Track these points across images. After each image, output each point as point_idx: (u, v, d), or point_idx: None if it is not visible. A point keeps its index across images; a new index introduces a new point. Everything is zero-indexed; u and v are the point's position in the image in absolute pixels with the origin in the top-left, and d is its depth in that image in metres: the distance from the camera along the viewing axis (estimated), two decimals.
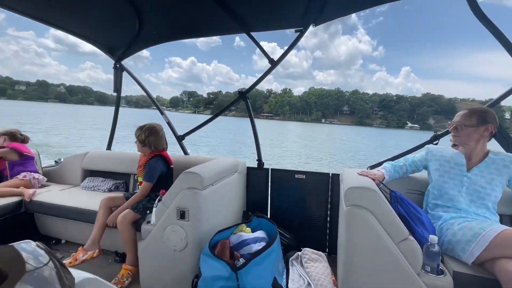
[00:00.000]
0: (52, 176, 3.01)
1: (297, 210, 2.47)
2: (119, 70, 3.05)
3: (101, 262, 2.20)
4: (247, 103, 2.66)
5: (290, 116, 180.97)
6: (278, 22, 2.37)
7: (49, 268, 0.54)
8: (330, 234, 2.40)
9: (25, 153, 2.55)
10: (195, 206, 1.71)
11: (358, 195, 1.37)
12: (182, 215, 1.72)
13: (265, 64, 2.52)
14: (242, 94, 2.64)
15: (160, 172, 2.17)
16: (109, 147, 3.28)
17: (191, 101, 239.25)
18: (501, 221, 1.71)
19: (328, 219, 2.39)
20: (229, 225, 1.92)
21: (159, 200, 1.90)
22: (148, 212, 2.02)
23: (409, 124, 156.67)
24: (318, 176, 2.40)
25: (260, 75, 2.71)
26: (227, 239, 1.76)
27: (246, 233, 1.84)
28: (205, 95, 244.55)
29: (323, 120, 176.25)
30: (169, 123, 2.98)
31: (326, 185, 2.38)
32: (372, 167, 2.31)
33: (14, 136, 2.60)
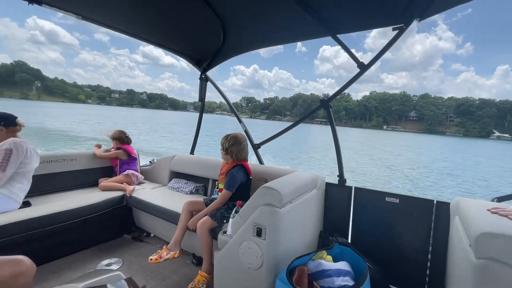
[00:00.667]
0: (147, 174, 3.38)
1: (385, 238, 2.11)
2: (204, 81, 3.19)
3: (180, 262, 2.36)
4: (329, 112, 2.42)
5: (346, 122, 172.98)
6: (370, 20, 2.11)
7: None
8: (433, 272, 1.94)
9: (132, 155, 3.01)
10: (272, 224, 1.61)
11: (501, 246, 1.00)
12: (259, 232, 1.63)
13: (326, 68, 2.50)
14: (324, 102, 2.41)
15: (240, 182, 2.20)
16: (192, 151, 3.48)
17: (249, 107, 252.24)
18: None
19: (430, 255, 1.95)
20: (306, 246, 1.78)
21: (236, 212, 1.87)
22: (225, 221, 2.04)
23: (496, 134, 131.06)
24: (417, 202, 1.99)
25: (322, 79, 2.62)
26: (305, 265, 1.58)
27: (327, 262, 1.62)
28: (262, 101, 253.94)
29: (384, 127, 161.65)
30: (246, 131, 2.98)
31: (429, 214, 1.95)
32: (501, 199, 1.83)
33: (122, 139, 3.05)
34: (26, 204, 2.18)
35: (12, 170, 2.02)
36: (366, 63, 2.13)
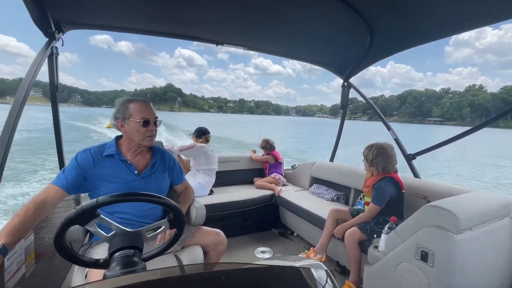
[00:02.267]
0: (290, 178, 3.66)
1: None
2: (347, 88, 3.11)
3: None
4: None
5: (472, 121, 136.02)
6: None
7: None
8: None
9: (278, 160, 3.48)
10: (444, 251, 1.38)
11: None
12: (424, 257, 1.44)
13: (463, 55, 2.26)
14: None
15: (390, 196, 1.99)
16: (332, 159, 3.53)
17: (349, 107, 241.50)
18: None
19: None
20: None
21: (390, 228, 1.74)
22: (375, 236, 1.95)
23: None
24: None
25: (457, 69, 2.10)
26: None
27: None
28: (364, 101, 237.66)
29: None
30: (396, 140, 2.70)
31: None
32: None
33: (266, 146, 3.54)
34: (211, 192, 2.97)
35: (184, 154, 2.91)
36: None
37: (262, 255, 2.58)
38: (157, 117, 1.32)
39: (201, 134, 3.02)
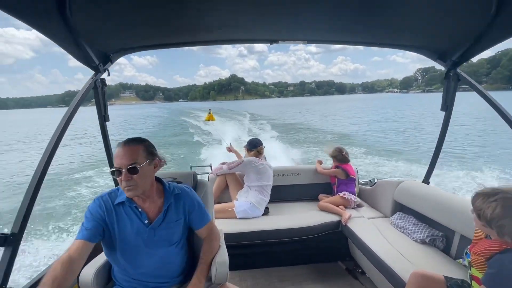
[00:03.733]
0: (366, 196, 2.86)
1: None
2: (453, 80, 2.00)
3: None
4: None
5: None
6: None
7: None
8: None
9: (350, 175, 2.71)
10: None
11: None
12: None
13: None
14: None
15: None
16: (426, 179, 2.40)
17: (424, 79, 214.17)
18: None
19: None
20: None
21: None
22: None
23: None
24: None
25: None
26: None
27: None
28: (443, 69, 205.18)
29: None
30: None
31: None
32: None
33: (338, 157, 2.75)
34: (266, 211, 2.54)
35: (234, 171, 2.65)
36: None
37: None
38: (133, 163, 1.06)
39: (252, 147, 2.66)
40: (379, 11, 1.46)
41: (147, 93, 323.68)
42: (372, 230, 2.17)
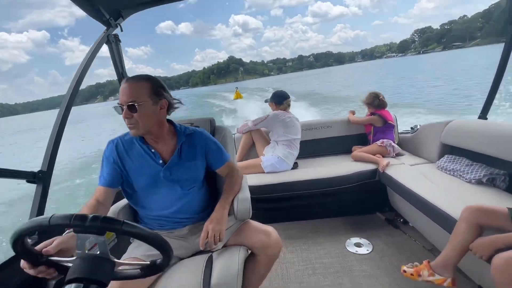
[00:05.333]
0: (407, 145, 2.55)
1: None
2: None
3: None
4: None
5: None
6: None
7: None
8: None
9: (389, 121, 2.42)
10: None
11: None
12: None
13: None
14: None
15: None
16: (484, 114, 2.16)
17: (419, 40, 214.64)
18: None
19: None
20: None
21: None
22: None
23: None
24: None
25: None
26: None
27: None
28: (438, 27, 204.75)
29: None
30: None
31: None
32: None
33: (374, 102, 2.46)
34: (295, 166, 2.39)
35: (260, 127, 2.49)
36: None
37: (356, 249, 1.85)
38: (132, 101, 1.02)
39: (281, 99, 2.47)
40: None
41: None
42: (416, 176, 1.86)
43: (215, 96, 32.40)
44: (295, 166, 2.40)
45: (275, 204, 2.26)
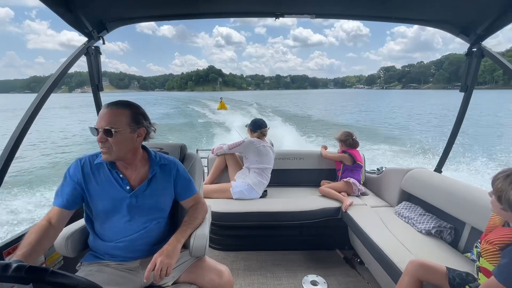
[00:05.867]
0: (372, 184, 2.68)
1: None
2: (476, 55, 1.85)
3: None
4: None
5: (505, 84, 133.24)
6: None
7: None
8: None
9: (357, 162, 2.53)
10: None
11: None
12: None
13: None
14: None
15: None
16: (439, 168, 2.27)
17: (383, 77, 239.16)
18: None
19: None
20: None
21: None
22: None
23: None
24: None
25: None
26: None
27: None
28: (400, 68, 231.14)
29: None
30: None
31: None
32: None
33: (347, 141, 2.56)
34: (264, 194, 2.43)
35: (234, 152, 2.51)
36: None
37: (311, 287, 1.86)
38: (110, 127, 1.00)
39: (256, 127, 2.52)
40: None
41: (121, 81, 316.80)
42: (374, 219, 1.97)
43: (199, 103, 33.04)
44: (264, 194, 2.42)
45: (239, 231, 2.24)
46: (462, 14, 1.73)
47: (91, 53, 1.68)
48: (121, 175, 1.12)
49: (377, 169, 2.72)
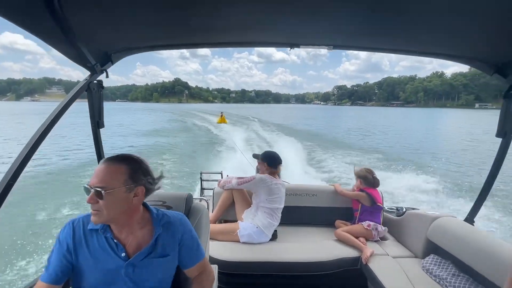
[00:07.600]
0: (394, 227, 2.43)
1: None
2: None
3: None
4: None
5: (425, 103, 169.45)
6: None
7: None
8: None
9: (377, 203, 2.32)
10: None
11: None
12: None
13: None
14: None
15: None
16: (471, 218, 2.03)
17: (336, 94, 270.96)
18: None
19: None
20: None
21: None
22: None
23: None
24: None
25: None
26: None
27: None
28: (349, 87, 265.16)
29: (476, 105, 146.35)
30: None
31: None
32: None
33: (367, 179, 2.37)
34: (274, 235, 2.25)
35: (243, 188, 2.35)
36: None
37: None
38: (101, 188, 0.90)
39: (276, 163, 2.37)
40: (421, 14, 1.16)
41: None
42: (398, 274, 1.79)
43: (194, 115, 34.23)
44: (274, 235, 2.27)
45: (246, 280, 2.00)
46: (500, 53, 1.52)
47: (93, 89, 1.54)
48: (115, 241, 0.99)
49: (397, 208, 2.54)
